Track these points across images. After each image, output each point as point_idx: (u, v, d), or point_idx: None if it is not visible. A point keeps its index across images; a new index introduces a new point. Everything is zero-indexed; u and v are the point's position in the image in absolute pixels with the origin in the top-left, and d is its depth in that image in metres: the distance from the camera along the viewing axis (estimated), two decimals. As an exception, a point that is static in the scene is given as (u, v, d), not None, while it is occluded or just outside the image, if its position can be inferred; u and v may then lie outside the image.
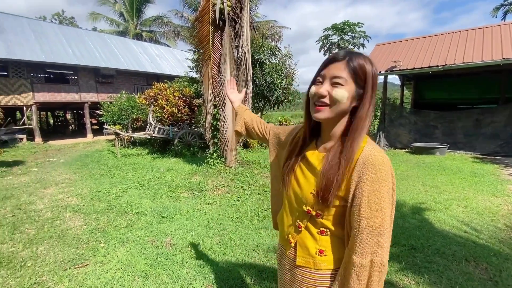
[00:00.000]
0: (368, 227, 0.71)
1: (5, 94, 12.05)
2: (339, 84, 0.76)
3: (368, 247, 0.72)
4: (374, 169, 0.72)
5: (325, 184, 0.76)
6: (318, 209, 0.80)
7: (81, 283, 2.22)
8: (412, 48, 9.30)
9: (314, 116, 0.81)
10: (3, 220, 3.58)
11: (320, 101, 0.78)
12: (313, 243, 0.85)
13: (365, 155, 0.74)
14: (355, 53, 0.79)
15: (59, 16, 34.10)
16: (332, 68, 0.78)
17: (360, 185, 0.73)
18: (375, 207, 0.71)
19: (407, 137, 9.03)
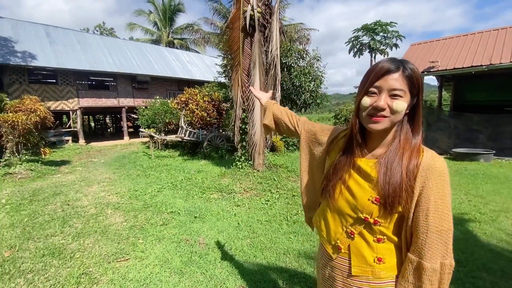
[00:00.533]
0: (437, 231, 0.73)
1: (54, 100, 13.33)
2: (398, 96, 0.77)
3: (438, 251, 0.73)
4: (438, 175, 0.75)
5: (392, 192, 0.76)
6: (378, 217, 0.80)
7: (123, 276, 2.39)
8: (452, 47, 8.71)
9: (371, 127, 0.80)
10: (54, 214, 3.96)
11: (379, 114, 0.78)
12: (370, 251, 0.83)
13: (428, 161, 0.76)
14: (405, 62, 0.79)
15: (100, 27, 37.04)
16: (389, 80, 0.77)
17: (426, 190, 0.74)
18: (441, 211, 0.73)
19: (446, 142, 8.44)
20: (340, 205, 0.88)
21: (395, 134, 0.83)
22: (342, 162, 0.89)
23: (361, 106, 0.82)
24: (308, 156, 1.11)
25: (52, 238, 3.16)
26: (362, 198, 0.82)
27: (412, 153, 0.79)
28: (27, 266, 2.55)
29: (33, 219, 3.74)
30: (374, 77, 0.79)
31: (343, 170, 0.88)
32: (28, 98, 7.41)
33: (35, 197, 4.73)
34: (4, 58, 11.41)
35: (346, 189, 0.87)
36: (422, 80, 0.79)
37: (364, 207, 0.82)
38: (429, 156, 0.78)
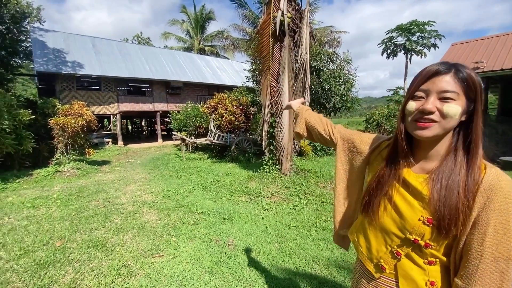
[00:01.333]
0: (493, 259, 0.65)
1: (98, 105, 14.52)
2: (450, 99, 0.69)
3: (491, 281, 0.65)
4: (503, 196, 0.65)
5: (448, 213, 0.68)
6: (430, 239, 0.73)
7: (158, 271, 2.53)
8: (499, 46, 7.98)
9: (418, 134, 0.72)
10: (97, 210, 4.31)
11: (426, 118, 0.71)
12: (421, 275, 0.76)
13: (492, 180, 0.67)
14: (459, 65, 0.71)
15: (138, 37, 39.68)
16: (438, 82, 0.70)
17: (486, 212, 0.66)
18: (502, 237, 0.65)
19: (493, 150, 7.70)
20: (385, 223, 0.80)
21: (449, 146, 0.74)
22: (387, 175, 0.81)
23: (407, 111, 0.75)
24: (345, 167, 1.02)
25: (96, 231, 3.44)
26: (412, 218, 0.74)
27: (473, 168, 0.69)
28: (75, 256, 2.81)
29: (80, 213, 4.10)
30: (421, 80, 0.72)
31: (388, 185, 0.80)
32: (77, 103, 8.17)
33: (81, 194, 5.18)
34: (57, 68, 12.73)
35: (393, 206, 0.79)
36: (480, 85, 0.69)
37: (414, 228, 0.74)
38: (493, 174, 0.68)
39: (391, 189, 0.80)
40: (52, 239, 3.17)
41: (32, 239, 3.17)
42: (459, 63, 0.73)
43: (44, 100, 9.66)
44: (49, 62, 12.76)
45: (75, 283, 2.34)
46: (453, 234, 0.70)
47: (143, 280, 2.38)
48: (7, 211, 4.14)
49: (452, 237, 0.71)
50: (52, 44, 13.87)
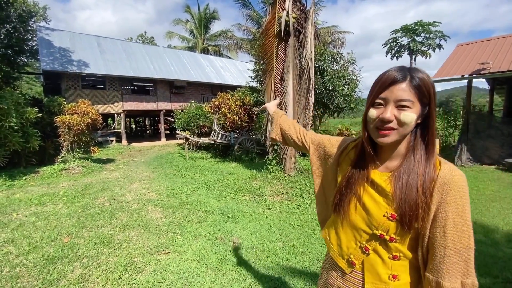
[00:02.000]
0: (455, 249, 0.69)
1: (102, 103, 14.63)
2: (406, 107, 0.73)
3: (457, 270, 0.69)
4: (458, 190, 0.70)
5: (408, 209, 0.73)
6: (394, 234, 0.77)
7: (164, 267, 2.56)
8: (506, 47, 7.92)
9: (380, 141, 0.77)
10: (103, 207, 4.36)
11: (386, 126, 0.75)
12: (384, 269, 0.80)
13: (446, 175, 0.72)
14: (413, 69, 0.75)
15: (142, 36, 39.87)
16: (395, 91, 0.73)
17: (443, 206, 0.71)
18: (460, 228, 0.69)
19: (498, 152, 7.64)
20: (355, 221, 0.84)
21: (408, 146, 0.79)
22: (355, 176, 0.85)
23: (368, 118, 0.79)
24: (319, 170, 1.08)
25: (102, 228, 3.48)
26: (378, 215, 0.79)
27: (428, 166, 0.75)
28: (82, 252, 2.86)
29: (86, 210, 4.16)
30: (380, 88, 0.76)
31: (356, 184, 0.84)
32: (82, 102, 8.26)
33: (87, 191, 5.24)
34: (63, 67, 12.86)
35: (361, 204, 0.83)
36: (433, 88, 0.74)
37: (380, 223, 0.78)
38: (447, 170, 0.73)
39: (359, 188, 0.84)
40: (60, 235, 3.23)
41: (40, 235, 3.22)
42: (414, 67, 0.76)
43: (50, 99, 9.77)
44: (55, 61, 12.89)
45: (84, 278, 2.38)
46: (415, 228, 0.74)
47: (150, 276, 2.42)
48: (15, 207, 4.21)
49: (414, 231, 0.75)
50: (58, 43, 14.01)
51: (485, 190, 5.08)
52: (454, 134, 10.96)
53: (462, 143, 8.14)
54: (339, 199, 0.88)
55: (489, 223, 3.54)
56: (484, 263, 2.56)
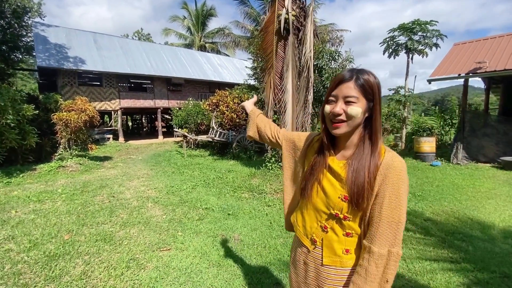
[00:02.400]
0: (388, 222, 0.82)
1: (99, 101, 14.52)
2: (352, 102, 0.85)
3: (387, 239, 0.82)
4: (396, 174, 0.83)
5: (357, 191, 0.85)
6: (347, 213, 0.89)
7: (167, 264, 2.58)
8: (502, 46, 8.00)
9: (333, 132, 0.91)
10: (102, 204, 4.35)
11: (336, 118, 0.88)
12: (339, 244, 0.93)
13: (388, 161, 0.84)
14: (360, 70, 0.88)
15: (138, 33, 39.49)
16: (342, 88, 0.87)
17: (383, 187, 0.83)
18: (394, 205, 0.82)
19: (494, 150, 7.75)
20: (316, 203, 0.97)
21: (360, 137, 0.92)
22: (317, 163, 0.98)
23: (325, 113, 0.92)
24: (290, 163, 1.20)
25: (103, 225, 3.48)
26: (334, 196, 0.91)
27: (374, 154, 0.87)
28: (83, 249, 2.86)
29: (85, 207, 4.14)
30: (331, 87, 0.90)
31: (318, 171, 0.97)
32: (80, 99, 8.18)
33: (85, 189, 5.22)
34: (59, 63, 12.71)
35: (321, 188, 0.95)
36: (377, 86, 0.87)
37: (336, 204, 0.90)
38: (389, 157, 0.85)
39: (320, 174, 0.97)
40: (60, 232, 3.22)
41: (40, 232, 3.21)
42: (361, 69, 0.90)
43: (46, 96, 9.67)
44: (51, 57, 12.74)
45: (86, 274, 2.39)
46: (363, 207, 0.86)
47: (152, 272, 2.43)
48: (14, 205, 4.18)
49: (362, 210, 0.87)
50: (54, 39, 13.84)
51: (481, 188, 5.17)
52: (450, 133, 11.08)
53: (458, 142, 8.24)
54: (304, 185, 1.00)
55: (485, 219, 3.61)
56: (481, 258, 2.61)
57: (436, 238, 3.06)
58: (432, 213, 3.86)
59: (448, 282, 2.26)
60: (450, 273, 2.40)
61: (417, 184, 5.53)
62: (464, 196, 4.62)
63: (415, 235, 3.16)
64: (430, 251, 2.78)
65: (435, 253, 2.74)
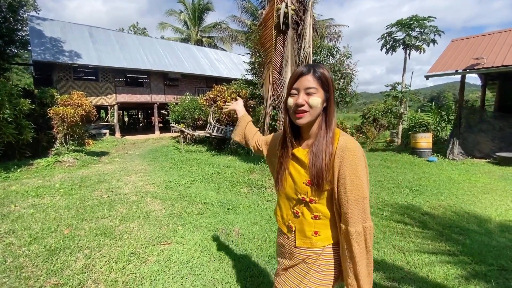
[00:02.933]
0: (355, 201, 0.89)
1: (95, 95, 14.36)
2: (312, 93, 0.94)
3: (358, 217, 0.89)
4: (351, 154, 0.91)
5: (316, 173, 0.93)
6: (312, 196, 0.97)
7: (168, 257, 2.59)
8: (500, 43, 8.04)
9: (297, 122, 0.98)
10: (101, 199, 4.34)
11: (299, 109, 0.95)
12: (309, 227, 1.02)
13: (342, 144, 0.93)
14: (316, 65, 0.97)
15: (134, 27, 38.97)
16: (303, 81, 0.95)
17: (342, 168, 0.90)
18: (356, 183, 0.89)
19: (489, 146, 7.85)
20: (287, 191, 1.06)
21: (319, 125, 1.00)
22: (284, 155, 1.07)
23: (288, 106, 0.99)
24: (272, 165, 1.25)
25: (102, 220, 3.48)
26: (300, 182, 0.99)
27: (330, 138, 0.95)
28: (84, 243, 2.85)
29: (84, 202, 4.13)
30: (292, 81, 0.98)
31: (285, 162, 1.06)
32: (76, 93, 8.09)
33: (83, 183, 5.20)
34: (55, 57, 12.52)
35: (290, 176, 1.04)
36: (331, 79, 0.98)
37: (302, 189, 0.99)
38: (343, 140, 0.94)
39: (287, 164, 1.05)
40: (60, 227, 3.21)
41: (40, 226, 3.20)
42: (316, 64, 0.99)
43: (42, 90, 9.54)
44: (46, 51, 12.53)
45: (87, 268, 2.39)
46: (325, 188, 0.94)
47: (154, 266, 2.44)
48: (13, 199, 4.15)
49: (327, 192, 0.96)
50: (49, 33, 13.60)
51: (477, 183, 5.24)
52: (446, 129, 11.18)
53: (454, 137, 8.32)
54: (277, 177, 1.09)
55: (482, 213, 3.66)
56: (478, 251, 2.66)
57: (434, 232, 3.11)
58: (430, 208, 3.91)
59: (446, 274, 2.31)
60: (448, 265, 2.44)
61: (414, 179, 5.59)
62: (461, 191, 4.69)
63: (413, 228, 3.20)
64: (428, 244, 2.82)
65: (433, 246, 2.78)
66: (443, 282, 2.21)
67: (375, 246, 2.79)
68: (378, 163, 7.24)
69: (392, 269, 2.37)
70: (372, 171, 6.30)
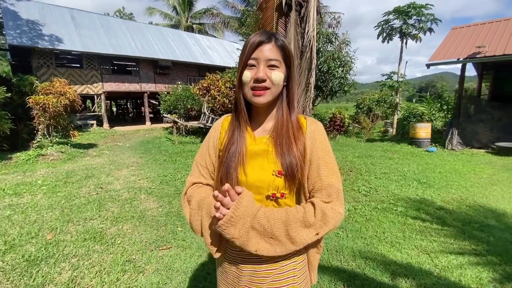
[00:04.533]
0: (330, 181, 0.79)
1: (80, 84, 13.55)
2: (275, 67, 0.78)
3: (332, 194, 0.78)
4: (321, 134, 0.84)
5: (289, 162, 0.79)
6: (284, 189, 0.81)
7: (169, 265, 2.27)
8: (499, 31, 7.89)
9: (255, 101, 0.80)
10: (89, 197, 3.95)
11: (259, 85, 0.77)
12: None
13: (311, 126, 0.85)
14: (276, 33, 0.81)
15: (120, 12, 37.17)
16: (265, 51, 0.77)
17: (315, 151, 0.81)
18: (330, 164, 0.81)
19: (488, 136, 7.80)
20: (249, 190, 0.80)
21: (278, 106, 0.85)
22: (236, 144, 0.83)
23: (243, 81, 0.80)
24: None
25: (91, 221, 3.11)
26: (266, 175, 0.80)
27: (296, 123, 0.84)
28: (70, 250, 2.50)
29: (70, 201, 3.73)
30: (250, 49, 0.78)
31: (241, 153, 0.82)
32: (58, 80, 7.47)
33: (69, 179, 4.77)
34: (33, 41, 11.61)
35: (249, 171, 0.82)
36: (291, 52, 0.83)
37: (270, 183, 0.80)
38: (311, 122, 0.86)
39: (244, 155, 0.83)
40: (42, 231, 2.83)
41: (18, 231, 2.81)
42: (274, 32, 0.82)
43: (20, 77, 8.81)
44: (23, 35, 11.60)
45: (74, 282, 2.05)
46: (298, 177, 0.81)
47: (153, 276, 2.13)
48: (-14, 199, 3.71)
49: (298, 182, 0.82)
50: (26, 15, 12.57)
51: (482, 174, 5.12)
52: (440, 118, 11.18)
53: (454, 127, 8.23)
54: (227, 172, 0.82)
55: (496, 207, 3.51)
56: (504, 250, 2.48)
57: (454, 229, 2.92)
58: (443, 201, 3.73)
59: (479, 278, 2.10)
60: (478, 267, 2.24)
61: (419, 170, 5.43)
62: (469, 183, 4.55)
63: (432, 225, 3.00)
64: (452, 244, 2.62)
65: (458, 246, 2.58)
66: (478, 287, 2.00)
67: (396, 246, 2.56)
68: (380, 154, 7.07)
69: (421, 274, 2.14)
70: (375, 162, 6.11)
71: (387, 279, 2.07)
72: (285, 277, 0.82)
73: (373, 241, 2.66)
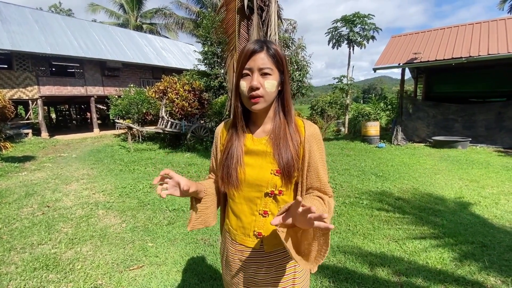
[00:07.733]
0: (326, 180, 0.89)
1: (10, 88, 11.71)
2: (268, 75, 0.82)
3: (329, 190, 0.89)
4: (318, 139, 0.90)
5: (286, 163, 0.84)
6: (281, 187, 0.87)
7: (144, 286, 2.05)
8: (431, 39, 9.09)
9: (252, 108, 0.85)
10: (34, 218, 3.40)
11: (254, 93, 0.82)
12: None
13: (309, 129, 0.89)
14: (267, 41, 0.85)
15: (56, 8, 33.32)
16: (257, 60, 0.82)
17: (313, 153, 0.87)
18: (325, 164, 0.91)
19: (426, 131, 8.90)
20: (247, 192, 0.89)
21: (275, 110, 0.91)
22: (234, 146, 0.91)
23: (240, 90, 0.86)
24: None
25: (40, 247, 2.67)
26: (265, 175, 0.87)
27: (293, 125, 0.89)
28: (17, 284, 2.10)
29: (9, 225, 3.16)
30: (244, 59, 0.83)
31: (238, 154, 0.89)
32: (-19, 83, 6.32)
33: (4, 199, 4.05)
34: None
35: (248, 171, 0.88)
36: (285, 58, 0.87)
37: (268, 181, 0.86)
38: (309, 125, 0.90)
39: (243, 157, 0.90)
40: (-26, 265, 2.33)
41: None
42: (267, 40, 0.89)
43: None
44: None
45: (27, 322, 1.72)
46: (295, 177, 0.87)
47: (127, 302, 1.89)
48: None
49: (295, 181, 0.89)
50: None
51: (426, 165, 5.80)
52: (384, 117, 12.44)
53: (398, 125, 9.19)
54: (227, 172, 0.89)
55: (442, 194, 3.98)
56: (457, 231, 2.81)
57: (413, 216, 3.22)
58: (399, 192, 4.10)
59: (442, 258, 2.34)
60: (439, 249, 2.50)
61: (375, 165, 5.91)
62: (417, 173, 5.10)
63: (395, 215, 3.27)
64: (414, 230, 2.88)
65: (419, 231, 2.85)
66: (443, 267, 2.23)
67: (368, 238, 2.72)
68: (338, 152, 7.53)
69: (394, 261, 2.31)
70: (336, 159, 6.48)
71: (367, 270, 2.18)
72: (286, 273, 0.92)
73: (348, 235, 2.79)
